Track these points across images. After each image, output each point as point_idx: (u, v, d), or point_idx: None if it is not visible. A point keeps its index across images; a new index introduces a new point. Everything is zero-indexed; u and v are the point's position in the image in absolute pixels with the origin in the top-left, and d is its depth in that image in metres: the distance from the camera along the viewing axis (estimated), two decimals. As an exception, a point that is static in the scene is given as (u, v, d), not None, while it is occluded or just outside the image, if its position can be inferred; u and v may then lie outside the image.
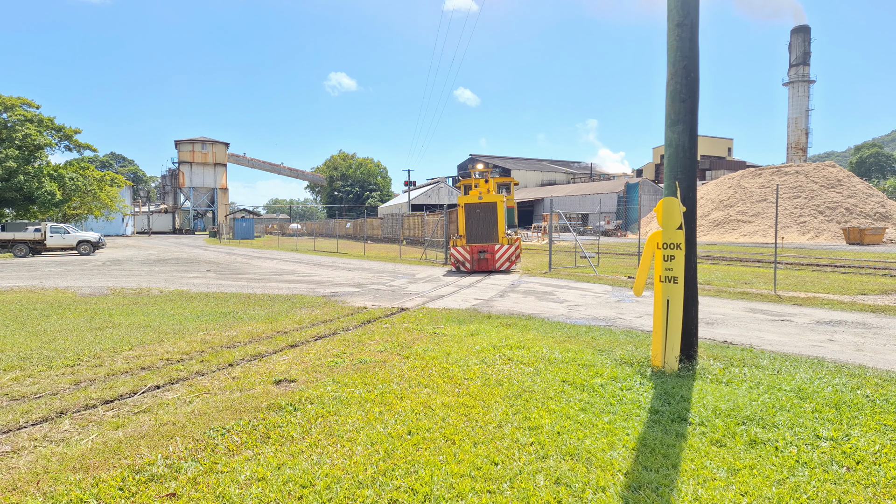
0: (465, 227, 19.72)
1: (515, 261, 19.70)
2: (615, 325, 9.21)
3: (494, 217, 19.61)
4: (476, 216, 19.75)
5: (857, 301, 11.72)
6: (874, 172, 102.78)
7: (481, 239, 19.52)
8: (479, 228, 19.64)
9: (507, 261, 19.31)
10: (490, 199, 19.84)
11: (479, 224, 19.67)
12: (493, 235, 19.56)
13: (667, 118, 6.52)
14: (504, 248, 19.22)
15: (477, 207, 19.75)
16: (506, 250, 19.23)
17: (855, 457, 3.94)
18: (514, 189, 28.32)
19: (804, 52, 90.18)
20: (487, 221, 19.60)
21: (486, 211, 19.65)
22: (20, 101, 41.95)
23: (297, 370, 6.43)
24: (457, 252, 19.50)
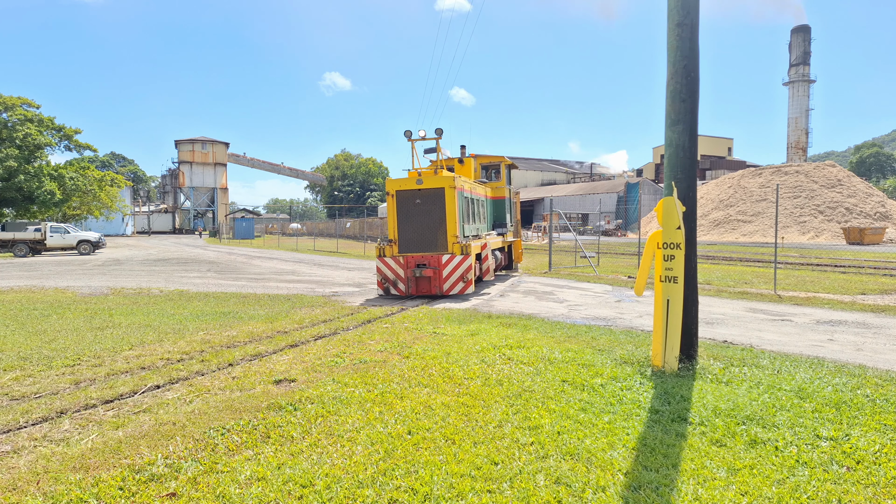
0: (397, 228, 13.11)
1: (488, 274, 14.52)
2: (615, 325, 9.21)
3: (441, 211, 12.92)
4: (412, 210, 13.09)
5: (857, 301, 11.72)
6: (874, 172, 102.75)
7: (420, 245, 13.10)
8: (416, 229, 13.07)
9: (461, 280, 12.77)
10: (435, 182, 13.01)
11: (416, 222, 13.07)
12: (439, 240, 12.99)
13: (667, 118, 6.52)
14: (457, 260, 12.76)
15: (415, 196, 13.11)
16: (458, 263, 12.74)
17: (855, 457, 3.94)
18: (505, 174, 18.72)
19: (804, 52, 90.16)
20: (430, 218, 13.03)
21: (429, 202, 13.01)
22: (20, 101, 41.95)
23: (298, 370, 6.43)
24: (383, 266, 13.10)
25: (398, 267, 13.02)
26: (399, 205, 13.16)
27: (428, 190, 13.02)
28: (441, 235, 13.00)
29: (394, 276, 13.04)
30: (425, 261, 12.91)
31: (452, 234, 12.91)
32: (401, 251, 13.14)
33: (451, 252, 12.91)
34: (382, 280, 13.19)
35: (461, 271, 12.86)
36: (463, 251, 12.85)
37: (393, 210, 13.19)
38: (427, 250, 13.03)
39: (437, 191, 13.00)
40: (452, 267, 12.87)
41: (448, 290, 12.85)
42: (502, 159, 18.66)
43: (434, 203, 13.01)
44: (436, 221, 13.04)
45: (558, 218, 39.23)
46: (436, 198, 13.01)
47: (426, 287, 12.95)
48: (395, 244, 13.16)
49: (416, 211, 13.10)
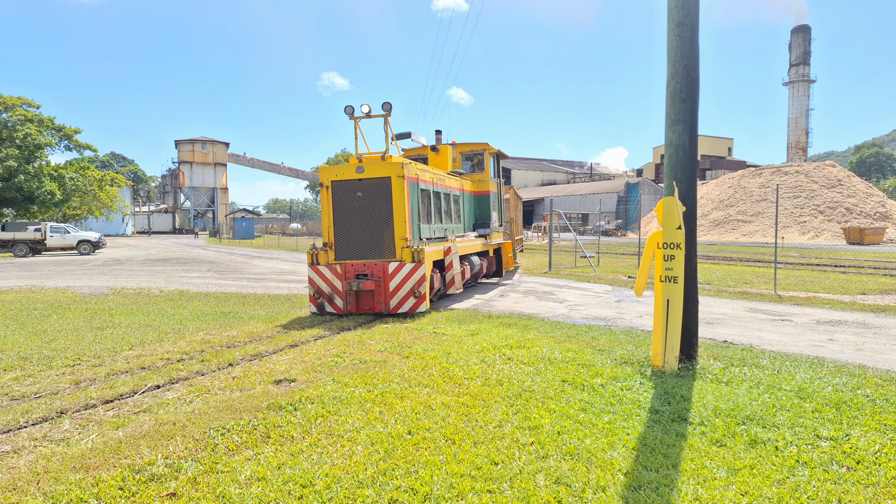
0: (333, 228, 10.57)
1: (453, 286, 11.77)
2: (615, 325, 9.21)
3: (387, 206, 10.36)
4: (352, 206, 10.54)
5: (858, 301, 11.72)
6: (874, 172, 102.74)
7: (361, 251, 10.49)
8: (357, 230, 10.50)
9: (412, 295, 10.17)
10: (379, 170, 10.39)
11: (357, 221, 10.50)
12: (385, 243, 10.39)
13: (667, 118, 6.52)
14: (407, 269, 10.16)
15: (354, 188, 10.48)
16: (409, 273, 10.16)
17: (855, 457, 3.94)
18: (491, 164, 15.91)
19: (804, 52, 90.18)
20: (373, 216, 10.47)
21: (372, 195, 10.45)
22: (20, 101, 41.95)
23: (298, 370, 6.43)
24: (316, 276, 10.50)
25: (335, 278, 10.37)
26: (336, 199, 10.51)
27: (371, 180, 10.34)
28: (387, 238, 10.32)
29: (329, 290, 10.41)
30: (367, 270, 10.24)
31: (401, 235, 10.20)
32: (338, 258, 10.51)
33: (399, 259, 10.23)
34: (316, 294, 10.47)
35: (412, 283, 10.13)
36: (415, 258, 10.14)
37: (328, 206, 10.54)
38: (369, 256, 10.39)
39: (381, 181, 10.29)
40: (401, 278, 10.14)
41: (396, 308, 10.16)
42: (486, 146, 15.61)
43: (378, 197, 10.35)
44: (380, 220, 10.37)
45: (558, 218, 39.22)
46: (380, 190, 10.31)
47: (368, 303, 10.33)
48: (331, 249, 10.54)
49: (356, 207, 10.45)
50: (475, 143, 15.78)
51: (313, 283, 10.51)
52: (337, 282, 10.41)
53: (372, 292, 10.31)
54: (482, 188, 15.80)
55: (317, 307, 10.53)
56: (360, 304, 10.42)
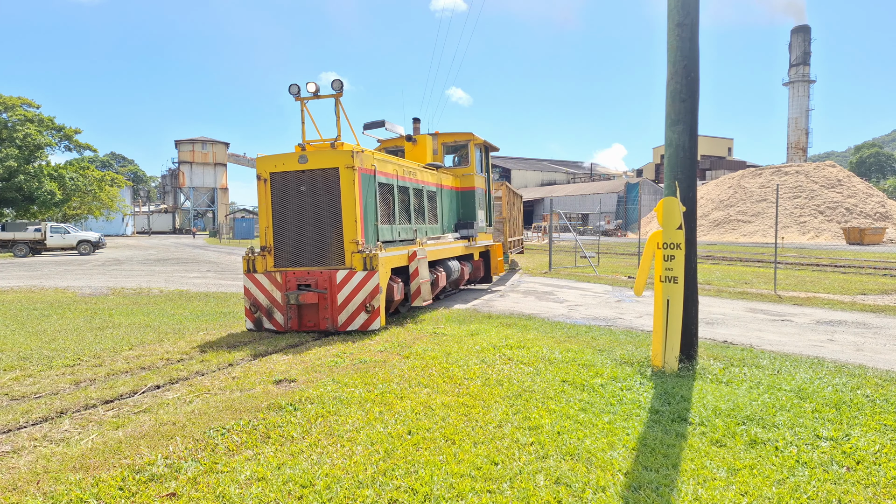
0: (272, 229, 8.97)
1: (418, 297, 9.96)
2: (615, 325, 9.21)
3: (335, 203, 8.72)
4: (295, 202, 8.91)
5: (858, 301, 11.72)
6: (874, 172, 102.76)
7: (305, 256, 8.86)
8: (300, 231, 8.89)
9: (363, 309, 8.50)
10: (325, 160, 8.72)
11: (300, 221, 8.89)
12: (332, 248, 8.77)
13: (667, 118, 6.52)
14: (357, 278, 8.49)
15: (297, 181, 8.85)
16: (360, 283, 8.49)
17: (855, 457, 3.94)
18: (476, 157, 13.95)
19: (804, 52, 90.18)
20: (319, 215, 8.82)
21: (318, 190, 8.79)
22: (20, 101, 41.95)
23: (297, 370, 6.44)
24: (253, 286, 8.94)
25: (274, 288, 8.73)
26: (275, 194, 8.86)
27: (315, 172, 8.66)
28: (335, 241, 8.65)
29: (268, 303, 8.80)
30: (311, 279, 8.54)
31: (351, 238, 8.54)
32: (278, 264, 8.89)
33: (349, 266, 8.55)
34: (252, 307, 8.83)
35: (363, 295, 8.43)
36: (367, 264, 8.41)
37: (266, 202, 8.90)
38: (314, 263, 8.74)
39: (327, 173, 8.62)
40: (351, 289, 8.45)
41: (344, 325, 8.51)
42: (470, 136, 13.66)
43: (325, 191, 8.66)
44: (327, 219, 8.68)
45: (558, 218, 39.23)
46: (327, 183, 8.64)
47: (312, 318, 8.64)
48: (269, 254, 8.92)
49: (299, 204, 8.79)
50: (457, 133, 13.82)
51: (249, 294, 8.92)
52: (276, 293, 8.72)
53: (316, 306, 8.60)
54: (466, 184, 13.89)
55: (253, 322, 8.91)
56: (303, 319, 8.69)
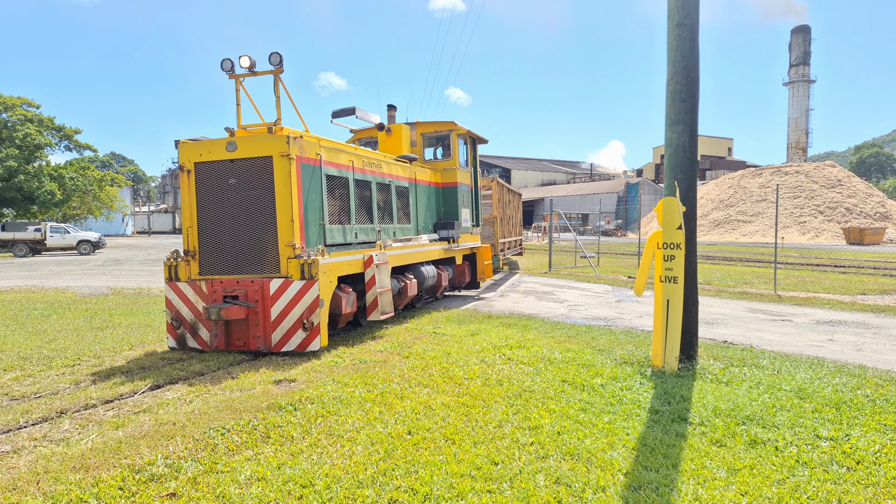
0: (198, 229, 7.70)
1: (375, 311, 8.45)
2: (615, 325, 9.21)
3: (268, 199, 7.42)
4: (223, 197, 7.62)
5: (858, 301, 11.72)
6: (874, 172, 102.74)
7: (233, 262, 7.58)
8: (227, 231, 7.61)
9: (301, 326, 7.21)
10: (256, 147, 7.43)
11: (229, 219, 7.60)
12: (266, 252, 7.47)
13: (667, 118, 6.52)
14: (294, 288, 7.24)
15: (225, 172, 7.57)
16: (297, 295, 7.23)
17: (855, 457, 3.94)
18: (459, 148, 12.53)
19: (804, 52, 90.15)
20: (250, 211, 7.53)
21: (249, 182, 7.51)
22: (20, 101, 41.97)
23: (297, 370, 6.44)
24: (175, 296, 7.70)
25: (199, 299, 7.48)
26: (200, 188, 7.55)
27: (246, 162, 7.36)
28: (269, 244, 7.32)
29: (193, 317, 7.53)
30: (240, 290, 7.22)
31: (287, 241, 7.21)
32: (204, 272, 7.57)
33: (285, 274, 7.22)
34: (174, 321, 7.57)
35: (300, 310, 7.12)
36: (305, 272, 7.10)
37: (190, 197, 7.58)
38: (245, 270, 7.41)
39: (259, 163, 7.32)
40: (286, 302, 7.16)
41: (279, 345, 7.19)
42: (452, 126, 12.22)
43: (257, 185, 7.36)
44: (259, 218, 7.37)
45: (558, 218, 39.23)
46: (258, 175, 7.34)
47: (242, 336, 7.31)
48: (193, 259, 7.61)
49: (228, 200, 7.47)
50: (437, 122, 12.42)
51: (171, 305, 7.62)
52: (202, 305, 7.46)
53: (245, 321, 7.23)
54: (448, 179, 12.44)
55: (176, 339, 7.60)
56: (231, 337, 7.37)
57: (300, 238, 7.37)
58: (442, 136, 12.56)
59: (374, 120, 10.99)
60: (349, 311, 7.92)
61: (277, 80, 7.64)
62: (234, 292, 7.26)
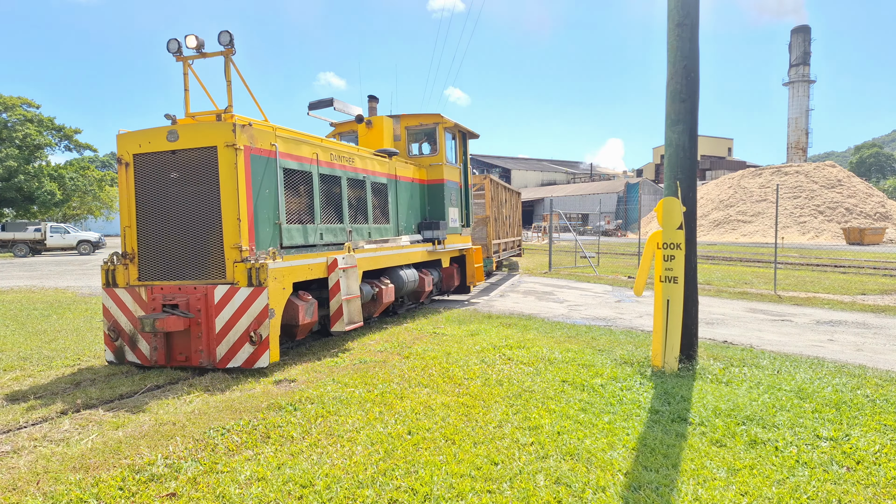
0: (136, 228, 6.88)
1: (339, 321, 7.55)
2: (615, 325, 9.21)
3: (212, 195, 6.56)
4: (165, 193, 6.78)
5: (857, 301, 11.72)
6: (874, 172, 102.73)
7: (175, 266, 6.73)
8: (169, 231, 6.76)
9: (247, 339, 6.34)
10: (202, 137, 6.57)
11: (169, 217, 6.75)
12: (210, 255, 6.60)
13: (667, 118, 6.52)
14: (240, 297, 6.38)
15: (167, 165, 6.73)
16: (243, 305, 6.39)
17: (855, 457, 3.94)
18: (446, 143, 11.70)
19: (804, 52, 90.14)
20: (193, 209, 6.66)
21: (192, 177, 6.65)
22: (20, 101, 41.99)
23: (297, 370, 6.43)
24: (112, 303, 6.89)
25: (138, 308, 6.71)
26: (140, 183, 6.80)
27: (188, 154, 6.61)
28: (213, 246, 6.54)
29: (131, 327, 6.75)
30: (181, 298, 6.49)
31: (232, 242, 6.41)
32: (143, 277, 6.82)
33: (231, 280, 6.44)
34: (111, 332, 6.82)
35: (248, 321, 6.34)
36: (252, 278, 6.33)
37: (129, 193, 6.83)
38: (187, 276, 6.64)
39: (202, 155, 6.55)
40: (232, 312, 6.38)
41: (224, 360, 6.41)
42: (438, 119, 11.37)
43: (201, 180, 6.58)
44: (204, 217, 6.58)
45: (558, 218, 39.24)
46: (202, 168, 6.56)
47: (185, 350, 6.56)
48: (132, 262, 6.85)
49: (170, 196, 6.71)
50: (422, 115, 11.55)
51: (108, 314, 6.86)
52: (136, 310, 6.72)
53: (187, 333, 6.48)
54: (434, 176, 11.57)
55: (114, 353, 6.84)
56: (173, 351, 6.61)
57: (249, 239, 6.55)
58: (428, 130, 11.70)
59: (351, 111, 10.24)
60: (308, 322, 7.04)
61: (228, 62, 6.88)
62: (174, 300, 6.49)
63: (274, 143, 7.13)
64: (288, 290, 6.83)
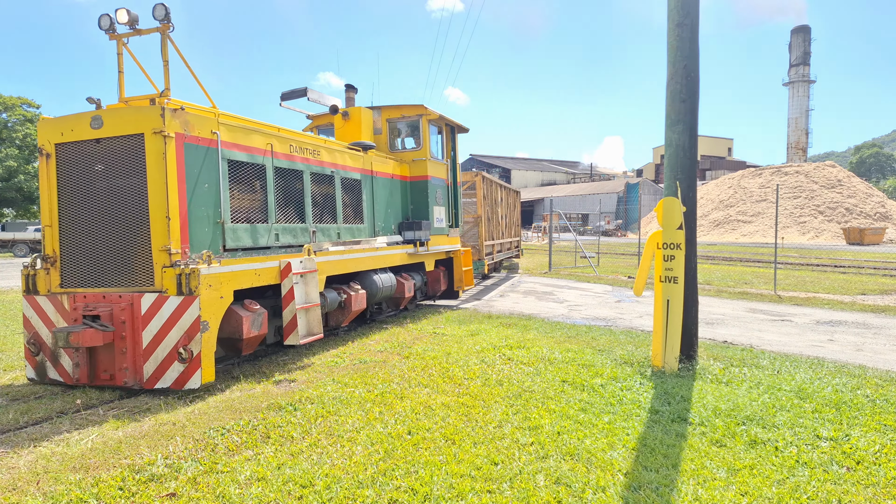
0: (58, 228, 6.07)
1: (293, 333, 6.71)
2: (615, 325, 9.21)
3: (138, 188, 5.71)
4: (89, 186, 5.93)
5: (857, 301, 11.72)
6: (874, 172, 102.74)
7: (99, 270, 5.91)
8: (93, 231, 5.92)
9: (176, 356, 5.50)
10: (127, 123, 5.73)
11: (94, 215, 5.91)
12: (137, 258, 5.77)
13: (667, 118, 6.52)
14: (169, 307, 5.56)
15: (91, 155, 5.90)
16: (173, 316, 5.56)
17: (855, 457, 3.94)
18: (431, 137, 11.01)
19: (804, 52, 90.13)
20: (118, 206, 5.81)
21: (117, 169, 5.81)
22: (20, 101, 42.00)
23: (297, 370, 6.43)
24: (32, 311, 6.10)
25: (60, 318, 5.98)
26: (63, 176, 6.08)
27: (113, 142, 5.83)
28: (140, 248, 5.76)
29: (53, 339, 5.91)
30: (104, 308, 5.71)
31: (161, 244, 5.63)
32: (66, 283, 6.07)
33: (159, 288, 5.66)
34: (32, 345, 6.07)
35: (178, 335, 5.56)
36: (182, 286, 5.55)
37: (50, 188, 6.10)
38: (112, 282, 5.85)
39: (128, 144, 5.77)
40: (160, 325, 5.59)
41: (152, 380, 5.59)
42: (422, 110, 10.64)
43: (127, 172, 5.79)
44: (130, 215, 5.79)
45: (558, 218, 39.24)
46: (129, 159, 5.77)
47: (109, 367, 5.72)
48: (54, 265, 6.11)
49: (95, 190, 5.93)
50: (405, 106, 10.78)
51: (28, 325, 6.13)
52: (64, 325, 5.90)
53: (111, 348, 5.66)
54: (417, 172, 10.76)
55: (35, 369, 6.08)
56: (97, 368, 5.79)
57: (180, 241, 5.75)
58: (412, 123, 10.87)
59: (326, 102, 9.58)
60: (255, 335, 6.21)
61: (165, 40, 6.08)
62: (95, 311, 5.68)
63: (215, 131, 6.33)
64: (227, 298, 5.96)
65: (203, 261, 5.71)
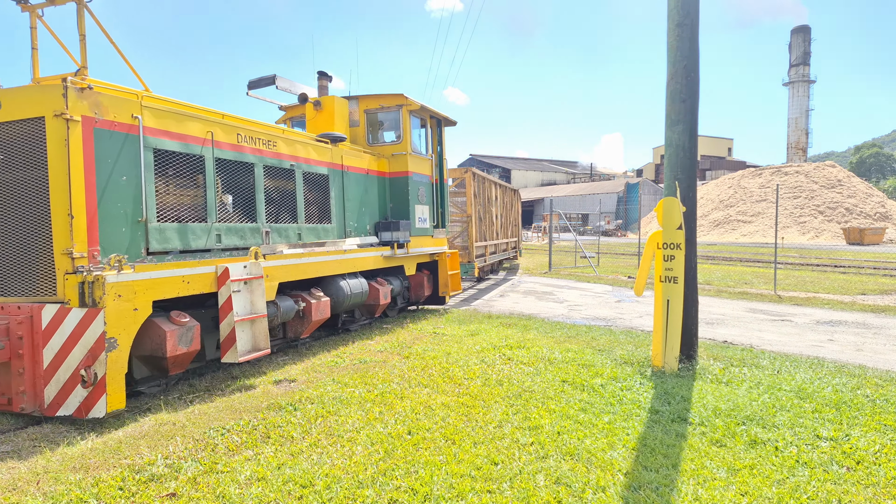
0: None
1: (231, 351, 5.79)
2: (615, 325, 9.21)
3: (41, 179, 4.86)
4: None
5: (857, 301, 11.73)
6: (874, 172, 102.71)
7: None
8: None
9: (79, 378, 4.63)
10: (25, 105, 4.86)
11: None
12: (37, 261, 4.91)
13: (667, 118, 6.53)
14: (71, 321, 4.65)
15: None
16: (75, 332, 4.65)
17: (855, 457, 3.94)
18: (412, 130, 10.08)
19: (804, 52, 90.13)
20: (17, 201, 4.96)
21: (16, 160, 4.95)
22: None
23: (297, 370, 6.43)
24: None
25: None
26: None
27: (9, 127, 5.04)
28: (40, 251, 4.99)
29: None
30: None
31: (63, 246, 4.85)
32: None
33: (62, 298, 4.87)
34: None
35: (80, 354, 4.71)
36: (87, 296, 4.77)
37: None
38: (7, 291, 5.11)
39: (27, 129, 4.99)
40: (62, 341, 4.75)
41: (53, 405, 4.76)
42: (402, 100, 9.75)
43: (26, 163, 5.01)
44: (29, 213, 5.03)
45: (558, 218, 39.25)
46: (28, 147, 4.99)
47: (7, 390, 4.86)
48: None
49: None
50: (383, 96, 9.89)
51: None
52: None
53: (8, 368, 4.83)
54: (397, 168, 9.85)
55: None
56: None
57: (88, 242, 4.96)
58: (392, 115, 9.97)
59: (296, 90, 8.88)
60: (183, 352, 5.38)
61: (82, 12, 5.37)
62: None
63: (137, 116, 5.50)
64: (144, 310, 5.11)
65: (111, 266, 4.92)
